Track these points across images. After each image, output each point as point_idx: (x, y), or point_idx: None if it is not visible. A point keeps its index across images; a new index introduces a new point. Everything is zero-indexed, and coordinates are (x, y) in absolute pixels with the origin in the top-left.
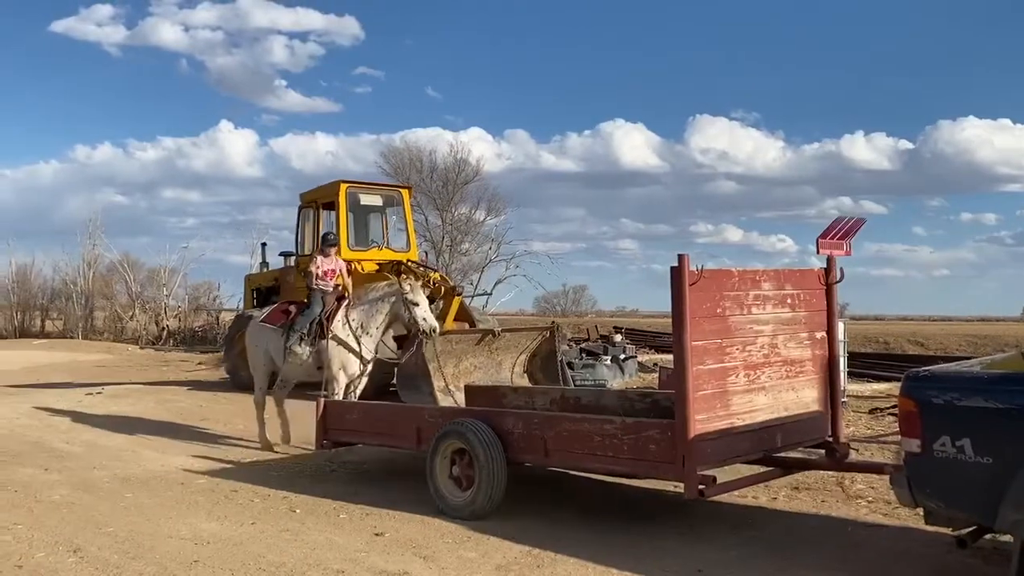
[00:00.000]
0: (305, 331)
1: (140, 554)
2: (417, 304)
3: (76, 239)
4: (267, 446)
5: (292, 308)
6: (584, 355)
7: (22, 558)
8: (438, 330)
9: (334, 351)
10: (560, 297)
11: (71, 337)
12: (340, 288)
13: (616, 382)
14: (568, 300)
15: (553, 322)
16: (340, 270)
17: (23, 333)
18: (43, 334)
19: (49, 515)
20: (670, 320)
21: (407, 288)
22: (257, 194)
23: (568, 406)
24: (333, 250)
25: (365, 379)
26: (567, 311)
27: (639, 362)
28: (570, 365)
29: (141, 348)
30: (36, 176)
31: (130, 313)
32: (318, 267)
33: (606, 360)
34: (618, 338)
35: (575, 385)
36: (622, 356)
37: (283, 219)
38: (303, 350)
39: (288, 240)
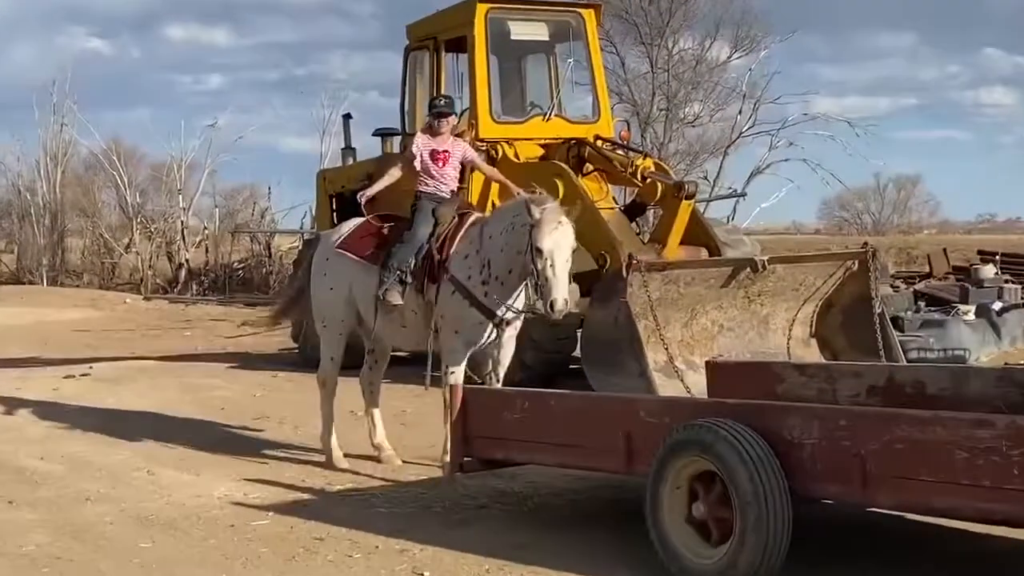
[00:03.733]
0: (408, 268)
1: None
2: (541, 253)
3: (31, 115)
4: (332, 458)
5: (387, 228)
6: (923, 304)
7: None
8: (562, 310)
9: (448, 303)
10: (871, 199)
11: (30, 282)
12: (461, 192)
13: (987, 353)
14: (886, 205)
15: (866, 244)
16: (463, 157)
17: None
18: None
19: None
20: None
21: (535, 215)
22: (324, 28)
23: (901, 397)
24: (447, 123)
25: (506, 351)
26: (884, 225)
27: None
28: (896, 323)
29: (146, 299)
30: None
31: (125, 241)
32: (421, 152)
33: (966, 313)
34: (988, 272)
35: (909, 359)
36: (996, 306)
37: (372, 71)
38: (405, 301)
39: (386, 110)
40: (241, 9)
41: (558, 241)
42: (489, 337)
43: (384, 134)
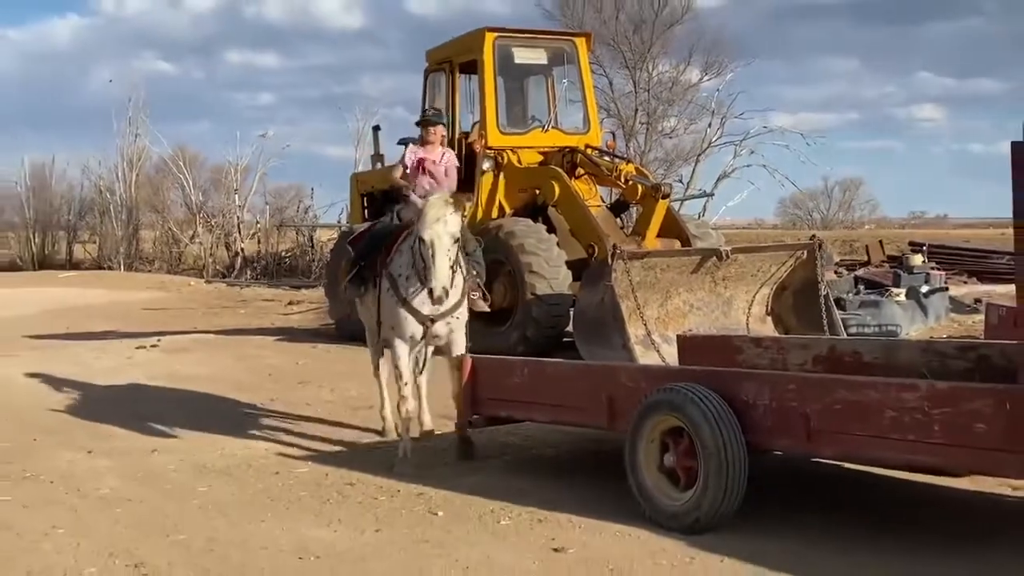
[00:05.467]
0: (364, 263)
1: (226, 572)
2: (424, 243)
3: (110, 127)
4: (389, 427)
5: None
6: (862, 287)
7: (67, 573)
8: (441, 297)
9: (384, 299)
10: (820, 199)
11: (109, 268)
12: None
13: (915, 328)
14: (833, 204)
15: (814, 236)
16: (447, 164)
17: (44, 263)
18: (71, 264)
19: (98, 516)
20: (1011, 229)
21: (420, 207)
22: (359, 54)
23: (841, 365)
24: (435, 132)
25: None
26: (831, 220)
27: (951, 297)
28: (839, 303)
29: (207, 282)
30: (49, 38)
31: (190, 233)
32: (406, 161)
33: (898, 295)
34: (917, 260)
35: (849, 334)
36: (924, 288)
37: (398, 90)
38: (367, 294)
39: (410, 123)
40: (288, 37)
41: (438, 232)
42: (423, 335)
43: (407, 142)
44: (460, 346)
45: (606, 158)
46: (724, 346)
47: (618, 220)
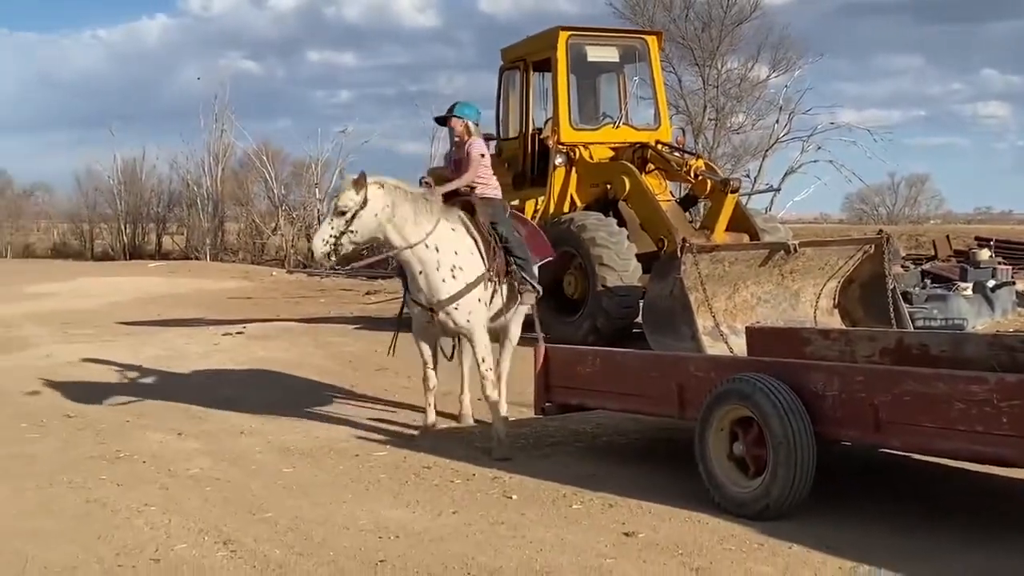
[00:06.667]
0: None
1: (309, 549)
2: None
3: (198, 123)
4: (466, 413)
5: None
6: (929, 282)
7: (159, 549)
8: (319, 259)
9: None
10: (886, 194)
11: (196, 258)
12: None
13: (981, 322)
14: (899, 199)
15: (881, 231)
16: (464, 153)
17: (134, 253)
18: (160, 254)
19: (188, 494)
20: None
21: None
22: (433, 53)
23: (908, 358)
24: (454, 128)
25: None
26: (897, 215)
27: (1017, 292)
28: (906, 297)
29: (288, 272)
30: (138, 37)
31: (272, 225)
32: (446, 161)
33: (965, 289)
34: (984, 255)
35: (916, 327)
36: (990, 283)
37: (470, 88)
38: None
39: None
40: (366, 37)
41: (332, 205)
42: (431, 322)
43: (483, 138)
44: (472, 336)
45: (676, 154)
46: (792, 338)
47: (687, 214)
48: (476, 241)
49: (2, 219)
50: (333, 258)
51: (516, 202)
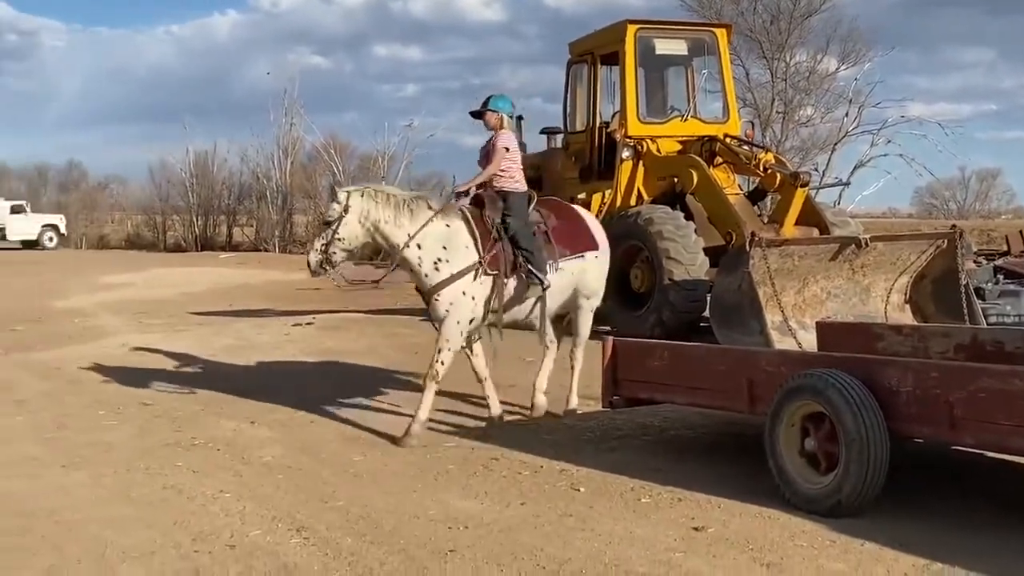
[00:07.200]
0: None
1: (379, 538)
2: (327, 223)
3: (267, 117)
4: (539, 404)
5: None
6: (1001, 277)
7: (233, 535)
8: (314, 269)
9: None
10: (956, 188)
11: (265, 249)
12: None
13: None
14: (969, 194)
15: (954, 226)
16: (492, 145)
17: (205, 244)
18: (230, 246)
19: (261, 481)
20: None
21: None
22: (497, 46)
23: (982, 354)
24: (487, 122)
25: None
26: (967, 210)
27: None
28: (979, 292)
29: (356, 264)
30: (209, 32)
31: None
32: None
33: None
34: None
35: (988, 323)
36: None
37: (535, 82)
38: None
39: (547, 113)
40: (432, 31)
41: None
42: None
43: (550, 132)
44: (442, 326)
45: (745, 147)
46: (864, 333)
47: (755, 208)
48: (475, 235)
49: (77, 211)
50: (327, 267)
51: (583, 196)
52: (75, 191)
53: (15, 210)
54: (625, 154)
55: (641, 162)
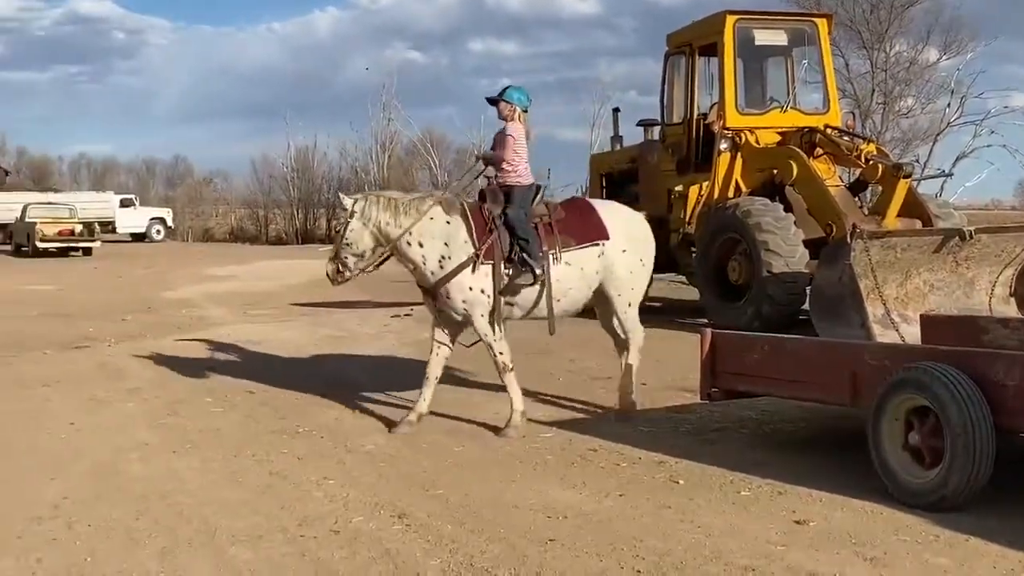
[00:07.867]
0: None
1: (479, 526)
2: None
3: (366, 112)
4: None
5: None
6: None
7: (337, 521)
8: (331, 278)
9: None
10: None
11: None
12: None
13: None
14: None
15: None
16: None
17: (305, 237)
18: (329, 239)
19: (363, 469)
20: None
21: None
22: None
23: None
24: (505, 109)
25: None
26: None
27: None
28: None
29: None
30: (310, 29)
31: None
32: None
33: None
34: None
35: None
36: None
37: (631, 75)
38: None
39: (643, 106)
40: (527, 25)
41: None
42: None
43: (647, 124)
44: (472, 322)
45: (846, 138)
46: (969, 326)
47: (856, 200)
48: (471, 228)
49: (184, 204)
50: (347, 273)
51: (680, 188)
52: (181, 185)
53: (124, 204)
54: (723, 146)
55: (739, 154)
